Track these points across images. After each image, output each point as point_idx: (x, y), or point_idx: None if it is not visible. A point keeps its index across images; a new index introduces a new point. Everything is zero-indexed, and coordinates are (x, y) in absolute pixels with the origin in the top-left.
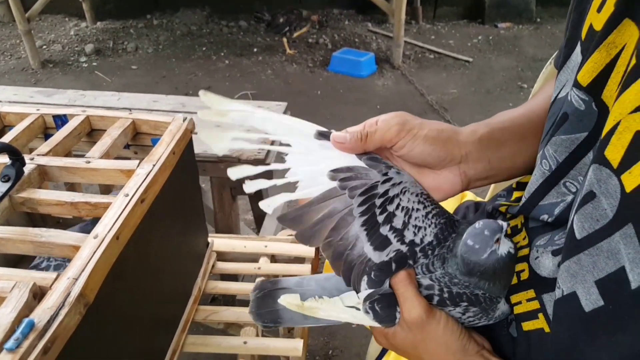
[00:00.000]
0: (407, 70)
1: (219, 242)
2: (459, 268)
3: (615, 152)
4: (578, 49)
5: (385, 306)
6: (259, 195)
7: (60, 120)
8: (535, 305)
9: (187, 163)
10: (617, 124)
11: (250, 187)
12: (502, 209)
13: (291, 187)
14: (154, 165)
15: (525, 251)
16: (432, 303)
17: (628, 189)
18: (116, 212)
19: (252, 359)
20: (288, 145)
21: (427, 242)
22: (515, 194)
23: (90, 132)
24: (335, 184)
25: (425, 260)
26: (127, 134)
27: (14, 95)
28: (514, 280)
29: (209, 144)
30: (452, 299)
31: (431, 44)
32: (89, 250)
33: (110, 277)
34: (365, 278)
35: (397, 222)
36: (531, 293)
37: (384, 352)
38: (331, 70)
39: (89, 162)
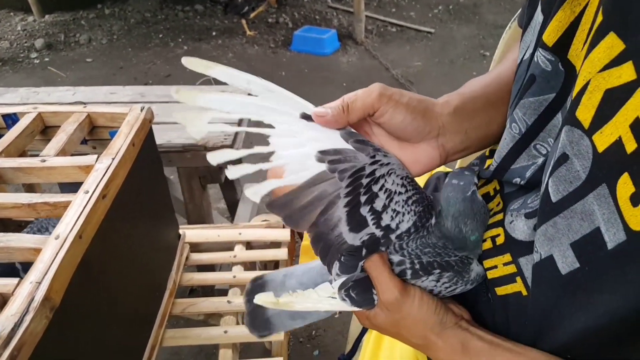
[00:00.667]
0: (371, 45)
1: (192, 232)
2: (441, 216)
3: (586, 112)
4: (539, 8)
5: (361, 291)
6: (230, 183)
7: (11, 119)
8: (512, 269)
9: (149, 154)
10: (587, 83)
11: (233, 173)
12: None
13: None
14: (113, 159)
15: (499, 216)
16: (405, 278)
17: (600, 149)
18: (77, 211)
19: (234, 347)
20: (271, 126)
21: (404, 230)
22: (488, 162)
23: (44, 129)
24: (324, 166)
25: (399, 242)
26: (83, 129)
27: None
28: (490, 245)
29: (184, 125)
30: (424, 269)
31: (392, 17)
32: (51, 252)
33: (76, 278)
34: (336, 263)
35: (378, 204)
36: (507, 257)
37: (364, 330)
38: (294, 49)
39: (44, 160)
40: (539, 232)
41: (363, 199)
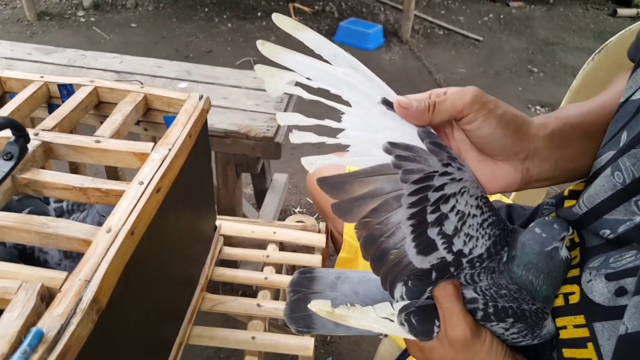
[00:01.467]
0: (416, 46)
1: (227, 225)
2: (513, 259)
3: None
4: None
5: (422, 319)
6: (261, 171)
7: (66, 90)
8: (584, 332)
9: (202, 145)
10: None
11: (297, 138)
12: (553, 215)
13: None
14: (169, 150)
15: (575, 272)
16: (475, 318)
17: None
18: (130, 203)
19: (260, 355)
20: (348, 104)
21: (476, 255)
22: (567, 203)
23: (98, 104)
24: (389, 159)
25: (470, 270)
26: (138, 111)
27: (10, 51)
28: (561, 302)
29: (264, 79)
30: (497, 314)
31: (441, 20)
32: (102, 247)
33: (123, 277)
34: (402, 286)
35: (449, 227)
36: (580, 319)
37: (403, 357)
38: (337, 40)
39: (98, 141)
40: (631, 302)
41: (431, 218)
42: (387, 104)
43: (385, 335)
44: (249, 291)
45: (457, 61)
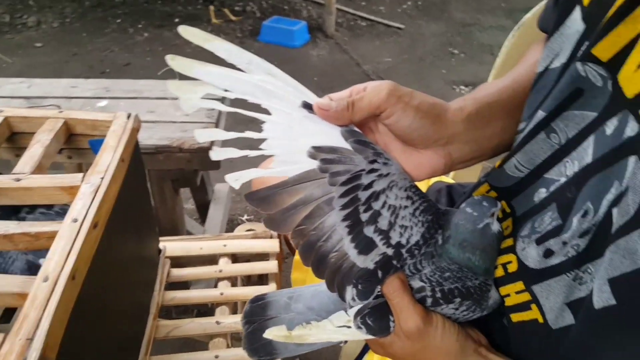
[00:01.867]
0: (341, 39)
1: (172, 246)
2: (449, 240)
3: None
4: (577, 14)
5: (377, 318)
6: (201, 184)
7: None
8: (526, 297)
9: (136, 168)
10: None
11: (218, 154)
12: (483, 188)
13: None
14: (102, 179)
15: (509, 241)
16: (425, 305)
17: None
18: (66, 245)
19: None
20: (268, 112)
21: (413, 242)
22: (482, 188)
23: (10, 136)
24: (315, 164)
25: (411, 260)
26: (59, 138)
27: None
28: (502, 272)
29: (177, 95)
30: (445, 297)
31: (362, 11)
32: (41, 299)
33: (70, 326)
34: (352, 289)
35: (383, 223)
36: (520, 285)
37: (364, 351)
38: (262, 40)
39: (18, 179)
40: (597, 283)
41: (365, 217)
42: (308, 107)
43: (346, 342)
44: (205, 309)
45: (382, 51)
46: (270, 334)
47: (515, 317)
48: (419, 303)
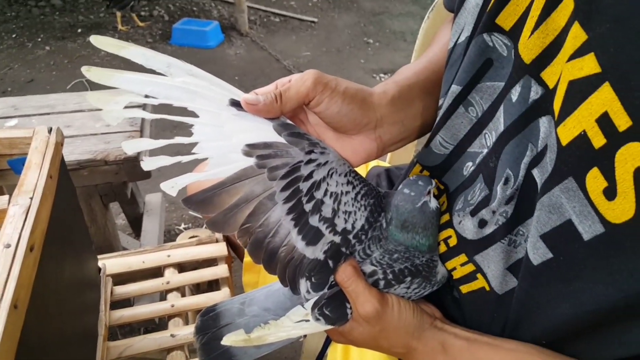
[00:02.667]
0: (257, 36)
1: (111, 263)
2: (391, 222)
3: (557, 103)
4: None
5: (334, 307)
6: (131, 196)
7: None
8: (470, 268)
9: (65, 185)
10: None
11: (149, 164)
12: (417, 169)
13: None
14: (31, 199)
15: (446, 217)
16: (378, 288)
17: (563, 142)
18: (2, 272)
19: None
20: (194, 115)
21: (359, 227)
22: (416, 169)
23: None
24: (251, 161)
25: (360, 245)
26: None
27: None
28: (444, 248)
29: (99, 107)
30: (397, 278)
31: (274, 7)
32: None
33: None
34: (305, 282)
35: (327, 211)
36: (463, 257)
37: (327, 343)
38: (174, 43)
39: None
40: (530, 242)
41: (308, 207)
42: (236, 104)
43: (305, 336)
44: (152, 325)
45: (299, 45)
46: (229, 340)
47: (465, 289)
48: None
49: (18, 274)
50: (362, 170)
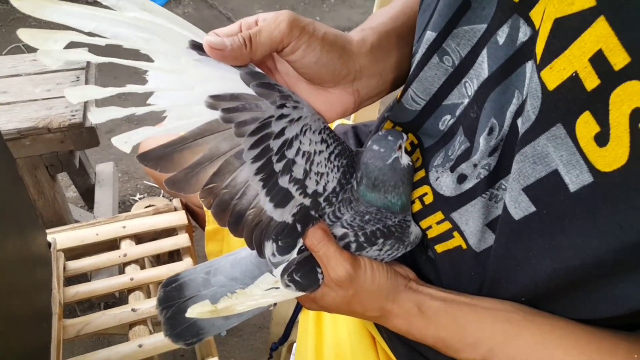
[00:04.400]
0: None
1: (62, 237)
2: (363, 182)
3: (540, 44)
4: None
5: (305, 273)
6: (80, 166)
7: None
8: (446, 226)
9: (1, 155)
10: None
11: (98, 116)
12: (388, 125)
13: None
14: None
15: (421, 173)
16: (350, 251)
17: (550, 87)
18: None
19: None
20: (149, 59)
21: (330, 190)
22: (387, 125)
23: None
24: (217, 114)
25: (330, 208)
26: None
27: None
28: (419, 206)
29: (34, 47)
30: (369, 240)
31: None
32: None
33: None
34: (271, 244)
35: (298, 172)
36: (439, 215)
37: (296, 311)
38: None
39: None
40: (510, 193)
41: (278, 167)
42: (198, 47)
43: (275, 304)
44: (113, 299)
45: (252, 3)
46: (194, 312)
47: (440, 248)
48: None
49: None
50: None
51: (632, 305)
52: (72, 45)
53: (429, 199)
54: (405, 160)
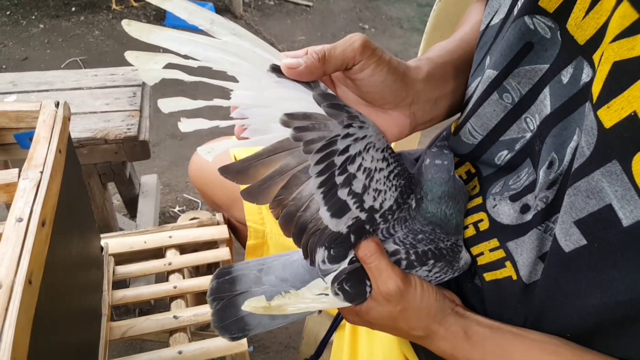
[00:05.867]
0: (251, 20)
1: (113, 242)
2: (423, 199)
3: (596, 85)
4: None
5: (354, 284)
6: (129, 177)
7: None
8: (500, 254)
9: (73, 160)
10: (601, 55)
11: (187, 126)
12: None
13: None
14: (41, 173)
15: (478, 200)
16: (400, 268)
17: (607, 125)
18: (15, 247)
19: None
20: (234, 79)
21: (387, 208)
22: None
23: None
24: (288, 132)
25: (384, 225)
26: None
27: None
28: (473, 232)
29: (137, 67)
30: (419, 259)
31: None
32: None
33: (34, 337)
34: (323, 250)
35: (357, 186)
36: (494, 242)
37: (332, 328)
38: (169, 24)
39: None
40: (560, 226)
41: (339, 180)
42: (277, 70)
43: (320, 312)
44: (147, 307)
45: (294, 29)
46: (249, 306)
47: (489, 276)
48: None
49: (31, 249)
50: None
51: None
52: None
53: (484, 226)
54: (458, 178)
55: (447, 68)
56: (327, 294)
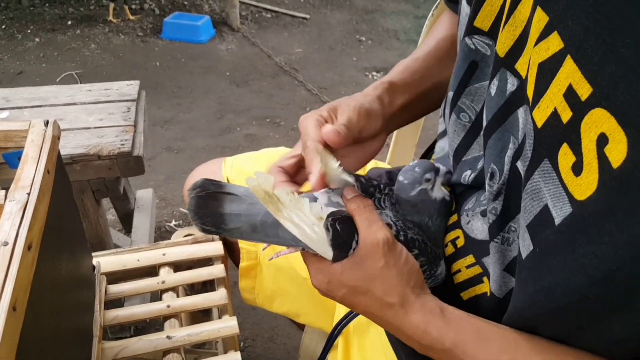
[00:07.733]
0: (248, 32)
1: (106, 261)
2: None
3: (530, 88)
4: (464, 1)
5: (345, 228)
6: (124, 193)
7: None
8: (477, 270)
9: (62, 180)
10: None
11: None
12: None
13: None
14: (28, 194)
15: (454, 218)
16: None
17: (539, 124)
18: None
19: None
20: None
21: (382, 182)
22: (434, 157)
23: None
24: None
25: (379, 195)
26: None
27: None
28: (452, 249)
29: (323, 165)
30: (407, 244)
31: (266, 3)
32: None
33: None
34: (325, 194)
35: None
36: (470, 259)
37: (327, 349)
38: (165, 37)
39: None
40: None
41: None
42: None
43: (304, 328)
44: (143, 324)
45: (291, 42)
46: (256, 179)
47: (466, 295)
48: None
49: (16, 274)
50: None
51: (628, 345)
52: None
53: (460, 242)
54: (437, 194)
55: (405, 88)
56: (318, 226)
